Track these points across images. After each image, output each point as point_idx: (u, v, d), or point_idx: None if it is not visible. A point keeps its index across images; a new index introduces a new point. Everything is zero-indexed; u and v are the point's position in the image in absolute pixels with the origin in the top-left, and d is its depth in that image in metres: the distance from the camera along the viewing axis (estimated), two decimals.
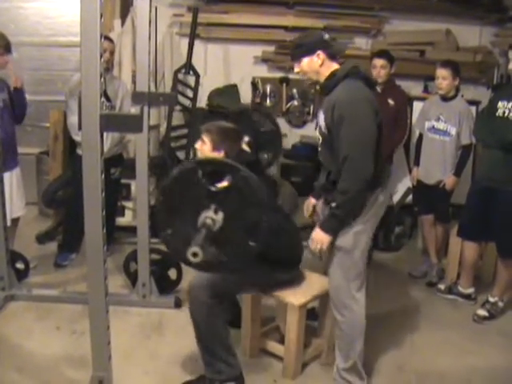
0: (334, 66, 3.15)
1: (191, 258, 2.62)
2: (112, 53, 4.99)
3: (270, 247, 3.01)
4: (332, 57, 3.16)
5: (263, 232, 2.81)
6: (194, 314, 3.24)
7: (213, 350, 3.23)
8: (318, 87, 3.29)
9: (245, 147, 3.48)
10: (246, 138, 3.30)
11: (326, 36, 3.18)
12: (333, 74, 3.12)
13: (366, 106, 3.02)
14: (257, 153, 3.05)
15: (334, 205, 3.05)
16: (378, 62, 4.97)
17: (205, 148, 3.37)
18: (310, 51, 3.13)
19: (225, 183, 2.77)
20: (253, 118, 4.18)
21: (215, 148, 3.34)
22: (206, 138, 3.37)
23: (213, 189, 2.77)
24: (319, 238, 3.11)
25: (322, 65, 3.13)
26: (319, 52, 3.11)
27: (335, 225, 3.10)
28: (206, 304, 3.18)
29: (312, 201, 3.62)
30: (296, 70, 3.24)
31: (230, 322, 3.38)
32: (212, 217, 2.75)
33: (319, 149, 3.28)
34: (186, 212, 2.82)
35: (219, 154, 3.27)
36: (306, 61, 3.15)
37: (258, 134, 4.00)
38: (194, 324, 3.25)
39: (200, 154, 3.41)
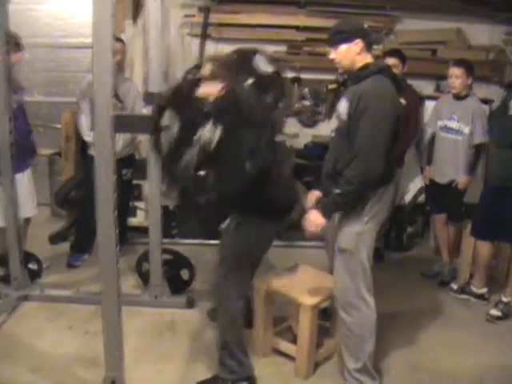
0: (369, 58, 3.15)
1: (183, 171, 2.60)
2: (123, 53, 5.00)
3: (265, 180, 2.93)
4: (368, 47, 3.15)
5: (260, 157, 2.70)
6: (217, 311, 3.27)
7: (231, 348, 3.24)
8: (332, 86, 3.26)
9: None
10: (250, 80, 3.17)
11: (366, 25, 3.17)
12: (366, 66, 3.11)
13: (391, 105, 3.03)
14: (260, 95, 2.93)
15: (337, 191, 3.03)
16: (390, 61, 4.94)
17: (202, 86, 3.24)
18: (349, 38, 3.11)
19: (224, 100, 2.67)
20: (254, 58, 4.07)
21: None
22: (207, 68, 3.25)
23: (209, 107, 2.66)
24: (314, 218, 3.10)
25: (359, 53, 3.12)
26: (358, 40, 3.10)
27: (333, 210, 3.12)
28: (226, 300, 3.20)
29: (315, 193, 3.56)
30: (331, 55, 3.19)
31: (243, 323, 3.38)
32: (209, 132, 2.63)
33: (332, 134, 3.27)
34: (182, 131, 2.70)
35: (215, 88, 3.12)
36: (344, 48, 3.13)
37: (260, 76, 3.90)
38: (220, 318, 3.28)
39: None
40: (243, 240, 3.19)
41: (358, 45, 3.10)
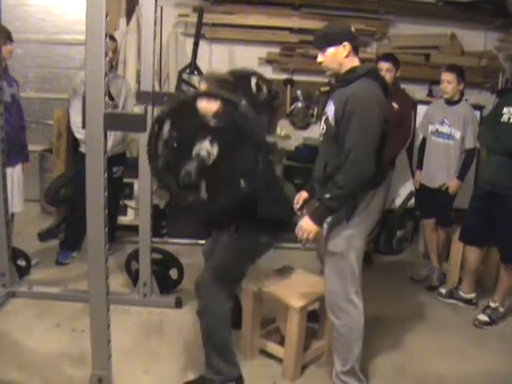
0: (356, 61, 3.14)
1: (183, 178, 2.64)
2: (115, 52, 4.99)
3: (260, 195, 2.98)
4: (355, 50, 3.14)
5: (256, 175, 2.74)
6: (204, 312, 3.23)
7: (218, 349, 3.23)
8: (324, 88, 3.27)
9: None
10: (243, 102, 3.22)
11: (353, 28, 3.16)
12: (353, 69, 3.10)
13: (378, 107, 3.01)
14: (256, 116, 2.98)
15: (327, 196, 3.01)
16: (384, 65, 4.96)
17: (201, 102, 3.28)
18: (336, 41, 3.10)
19: (222, 118, 2.71)
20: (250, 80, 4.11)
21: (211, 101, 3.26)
22: (203, 86, 3.31)
23: (210, 122, 2.70)
24: (307, 226, 3.07)
25: (346, 56, 3.10)
26: (346, 43, 3.09)
27: (325, 216, 3.09)
28: (216, 300, 3.18)
29: (303, 194, 3.55)
30: (319, 59, 3.18)
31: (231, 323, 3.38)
32: (207, 148, 2.68)
33: (320, 139, 3.27)
34: (179, 144, 2.74)
35: (215, 104, 3.17)
36: (331, 51, 3.11)
37: (254, 98, 3.93)
38: (202, 322, 3.24)
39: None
40: (237, 248, 3.23)
41: (345, 47, 3.09)
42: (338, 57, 3.11)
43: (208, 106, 2.71)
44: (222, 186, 2.78)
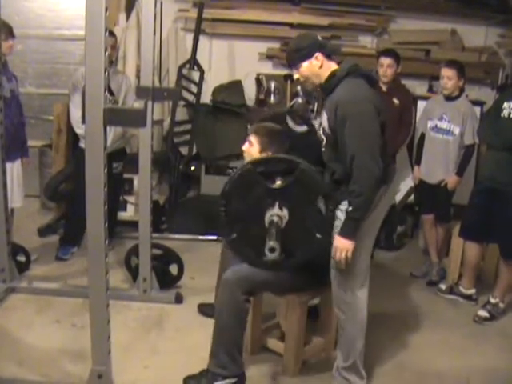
0: (333, 65, 3.11)
1: (269, 254, 2.67)
2: (114, 47, 4.98)
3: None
4: (329, 56, 3.12)
5: (328, 222, 2.82)
6: (223, 307, 3.22)
7: (227, 344, 3.23)
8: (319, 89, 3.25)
9: None
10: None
11: (319, 37, 3.15)
12: (333, 74, 3.08)
13: (368, 104, 2.99)
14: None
15: (350, 209, 2.97)
16: (385, 60, 4.96)
17: (252, 150, 3.37)
18: (308, 55, 3.08)
19: (285, 179, 2.81)
20: (287, 120, 4.19)
21: (263, 149, 3.33)
22: (253, 139, 3.37)
23: (273, 186, 2.78)
24: (343, 245, 3.02)
25: (321, 66, 3.09)
26: (317, 54, 3.07)
27: (355, 227, 3.02)
28: (238, 300, 3.18)
29: None
30: (296, 76, 3.19)
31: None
32: (278, 213, 2.77)
33: (323, 149, 3.25)
34: (249, 214, 2.85)
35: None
36: (305, 65, 3.10)
37: (294, 136, 4.00)
38: (219, 316, 3.25)
39: (247, 156, 3.40)
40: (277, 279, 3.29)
41: (318, 58, 3.07)
42: (313, 69, 3.11)
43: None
44: (299, 243, 2.90)
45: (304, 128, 4.04)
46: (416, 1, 6.51)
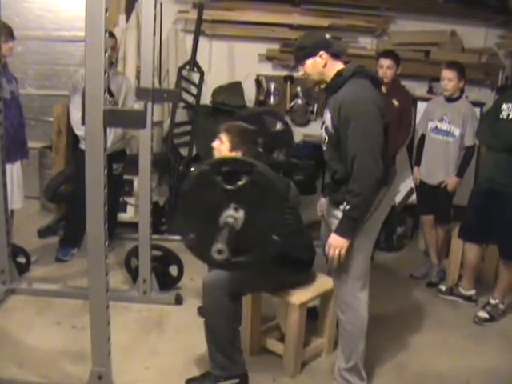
0: (339, 65, 3.13)
1: (216, 256, 2.64)
2: (114, 48, 4.99)
3: (289, 244, 3.02)
4: (335, 56, 3.13)
5: (286, 225, 2.83)
6: (208, 310, 3.24)
7: (221, 346, 3.23)
8: (321, 86, 3.26)
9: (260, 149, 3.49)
10: (260, 140, 3.31)
11: (327, 36, 3.16)
12: (339, 74, 3.09)
13: (373, 105, 2.99)
14: (270, 153, 3.08)
15: (347, 207, 2.99)
16: (385, 62, 4.96)
17: (222, 148, 3.37)
18: (312, 53, 3.11)
19: (242, 181, 2.78)
20: (263, 119, 4.19)
21: (233, 148, 3.34)
22: (224, 137, 3.38)
23: (230, 187, 2.77)
24: (337, 242, 3.05)
25: (325, 65, 3.10)
26: (322, 52, 3.08)
27: (352, 227, 3.04)
28: (221, 302, 3.17)
29: (323, 201, 3.56)
30: (300, 72, 3.22)
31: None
32: (233, 215, 2.75)
33: (324, 148, 3.25)
34: (207, 214, 2.83)
35: (237, 155, 3.25)
36: (309, 63, 3.13)
37: (270, 134, 4.01)
38: (206, 320, 3.26)
39: (217, 153, 3.41)
40: (258, 278, 3.31)
41: (322, 57, 3.09)
42: (316, 67, 3.13)
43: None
44: (254, 244, 2.87)
45: (280, 126, 4.04)
46: (416, 2, 6.51)
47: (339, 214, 3.09)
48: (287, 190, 2.89)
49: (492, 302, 4.45)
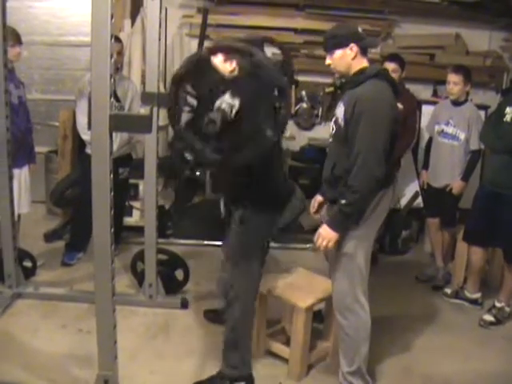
0: (364, 62, 3.13)
1: (208, 128, 2.58)
2: (120, 53, 5.00)
3: (269, 167, 3.00)
4: (364, 51, 3.13)
5: (281, 121, 2.71)
6: (233, 299, 3.24)
7: (238, 344, 3.25)
8: (327, 90, 3.26)
9: None
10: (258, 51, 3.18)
11: (360, 29, 3.15)
12: (362, 70, 3.10)
13: (388, 108, 3.01)
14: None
15: (343, 202, 3.01)
16: (390, 66, 4.95)
17: (216, 60, 3.27)
18: (343, 43, 3.09)
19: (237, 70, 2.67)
20: (263, 46, 4.11)
21: (226, 59, 3.25)
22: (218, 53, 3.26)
23: (227, 76, 2.67)
24: (326, 234, 3.07)
25: (354, 58, 3.10)
26: (352, 45, 3.08)
27: (344, 222, 3.06)
28: (248, 270, 3.22)
29: (318, 198, 3.56)
30: (327, 61, 3.19)
31: None
32: (228, 101, 2.64)
33: (330, 139, 3.27)
34: (200, 102, 2.71)
35: (231, 65, 3.13)
36: (339, 53, 3.11)
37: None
38: (230, 312, 3.26)
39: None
40: (248, 233, 3.22)
41: (352, 49, 3.08)
42: (345, 59, 3.11)
43: (224, 65, 2.68)
44: (247, 138, 2.72)
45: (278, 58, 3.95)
46: (420, 5, 6.51)
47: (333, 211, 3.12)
48: (283, 81, 2.77)
49: (498, 305, 4.44)
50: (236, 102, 2.64)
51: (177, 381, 3.44)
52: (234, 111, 2.63)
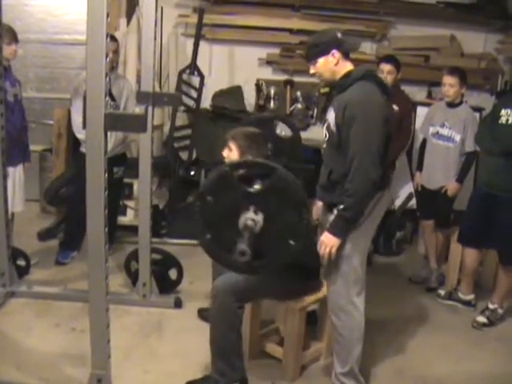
0: (349, 65, 3.14)
1: (239, 258, 2.65)
2: (115, 52, 5.00)
3: (304, 250, 3.00)
4: (346, 55, 3.14)
5: (303, 230, 2.81)
6: (215, 316, 3.23)
7: (224, 352, 3.23)
8: (321, 91, 3.27)
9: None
10: (269, 145, 3.28)
11: (339, 34, 3.15)
12: (348, 74, 3.10)
13: (378, 109, 3.00)
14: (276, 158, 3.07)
15: (341, 207, 3.02)
16: (385, 67, 4.96)
17: (231, 155, 3.37)
18: (325, 51, 3.10)
19: (259, 185, 2.78)
20: (273, 124, 4.19)
21: (242, 153, 3.33)
22: (232, 144, 3.37)
23: (251, 190, 2.77)
24: (329, 241, 3.06)
25: (337, 64, 3.11)
26: (334, 51, 3.09)
27: (344, 227, 3.06)
28: (230, 308, 3.17)
29: (319, 204, 3.55)
30: (312, 71, 3.20)
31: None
32: (253, 218, 2.74)
33: (323, 146, 3.27)
34: (225, 216, 2.82)
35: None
36: (321, 61, 3.12)
37: (279, 140, 4.01)
38: (212, 325, 3.25)
39: (227, 162, 3.39)
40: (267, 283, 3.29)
41: (334, 55, 3.09)
42: (328, 66, 3.12)
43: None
44: (272, 249, 2.86)
45: (288, 133, 4.03)
46: (415, 7, 6.53)
47: (333, 218, 3.12)
48: (305, 194, 2.87)
49: (491, 306, 4.45)
50: (260, 218, 2.78)
51: (170, 380, 3.44)
52: (258, 227, 2.77)
